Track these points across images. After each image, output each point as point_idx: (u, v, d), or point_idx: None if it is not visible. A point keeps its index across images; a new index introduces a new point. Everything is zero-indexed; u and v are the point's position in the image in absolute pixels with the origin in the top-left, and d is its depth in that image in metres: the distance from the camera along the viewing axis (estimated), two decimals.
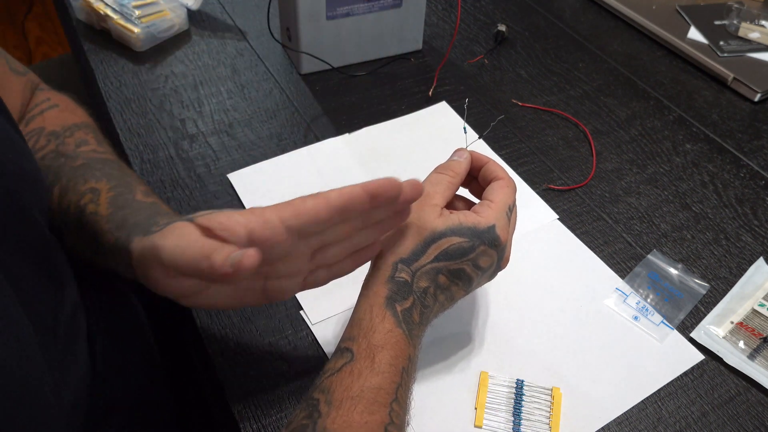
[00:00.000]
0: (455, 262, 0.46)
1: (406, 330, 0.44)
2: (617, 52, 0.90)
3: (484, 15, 0.95)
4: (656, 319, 0.57)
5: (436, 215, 0.46)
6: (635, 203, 0.69)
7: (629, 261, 0.63)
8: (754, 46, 0.89)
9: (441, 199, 0.47)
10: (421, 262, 0.45)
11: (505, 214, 0.47)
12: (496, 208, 0.47)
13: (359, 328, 0.44)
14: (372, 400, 0.41)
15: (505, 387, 0.52)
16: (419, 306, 0.45)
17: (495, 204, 0.47)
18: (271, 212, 0.40)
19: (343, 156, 0.71)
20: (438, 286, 0.46)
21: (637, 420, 0.51)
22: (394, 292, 0.45)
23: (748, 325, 0.57)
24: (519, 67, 0.86)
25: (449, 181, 0.49)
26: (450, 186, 0.48)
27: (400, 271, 0.45)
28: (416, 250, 0.45)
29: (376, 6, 0.78)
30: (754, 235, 0.66)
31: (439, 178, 0.49)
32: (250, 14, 0.90)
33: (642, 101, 0.82)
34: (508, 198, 0.48)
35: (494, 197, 0.48)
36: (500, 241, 0.46)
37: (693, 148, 0.76)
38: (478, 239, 0.46)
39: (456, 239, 0.45)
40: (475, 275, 0.47)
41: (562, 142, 0.75)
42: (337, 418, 0.39)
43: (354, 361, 0.42)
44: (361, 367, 0.42)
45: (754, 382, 0.54)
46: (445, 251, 0.45)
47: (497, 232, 0.46)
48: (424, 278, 0.45)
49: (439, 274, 0.46)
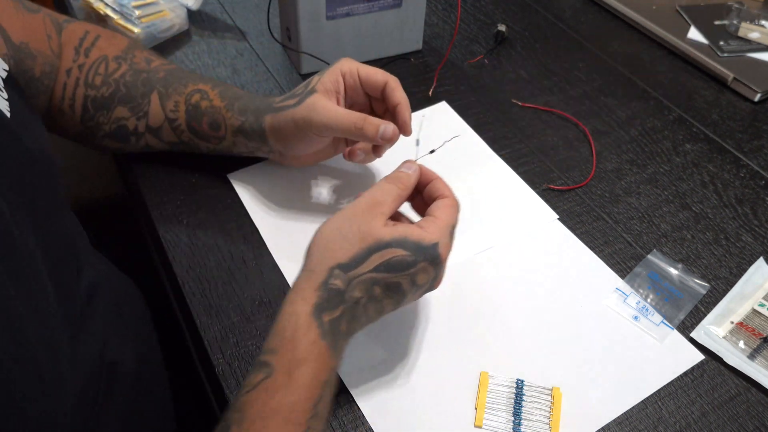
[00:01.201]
0: (394, 275, 0.44)
1: (331, 342, 0.43)
2: (617, 52, 0.90)
3: (484, 15, 0.95)
4: (656, 319, 0.57)
5: (382, 224, 0.45)
6: (635, 203, 0.69)
7: (629, 261, 0.63)
8: (754, 46, 0.89)
9: (389, 209, 0.46)
10: (359, 270, 0.44)
11: (449, 233, 0.46)
12: (441, 225, 0.46)
13: (281, 338, 0.42)
14: (286, 419, 0.40)
15: (505, 387, 0.52)
16: (348, 316, 0.44)
17: (440, 221, 0.46)
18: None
19: None
20: (371, 298, 0.45)
21: (637, 420, 0.51)
22: (324, 300, 0.43)
23: (748, 325, 0.57)
24: (519, 67, 0.86)
25: (398, 193, 0.47)
26: (398, 198, 0.47)
27: (336, 278, 0.43)
28: (357, 256, 0.44)
29: (376, 6, 0.78)
30: (754, 235, 0.66)
31: (389, 188, 0.47)
32: (250, 14, 0.90)
33: (642, 101, 0.82)
34: (452, 217, 0.47)
35: (440, 214, 0.47)
36: (440, 260, 0.45)
37: (693, 148, 0.76)
38: (421, 255, 0.44)
39: (400, 252, 0.44)
40: (409, 291, 0.46)
41: (562, 142, 0.75)
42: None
43: (271, 377, 0.41)
44: (279, 385, 0.41)
45: (754, 382, 0.54)
46: (387, 262, 0.44)
47: (439, 250, 0.45)
48: (359, 288, 0.44)
49: (376, 285, 0.44)
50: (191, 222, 0.63)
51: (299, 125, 0.56)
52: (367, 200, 0.46)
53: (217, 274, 0.59)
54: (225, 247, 0.61)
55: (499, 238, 0.63)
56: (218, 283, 0.58)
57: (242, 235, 0.62)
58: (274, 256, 0.60)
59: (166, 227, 0.62)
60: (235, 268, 0.59)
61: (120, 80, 0.61)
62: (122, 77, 0.61)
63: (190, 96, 0.61)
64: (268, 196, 0.66)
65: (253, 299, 0.57)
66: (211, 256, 0.60)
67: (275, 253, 0.61)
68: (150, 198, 0.65)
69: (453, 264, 0.61)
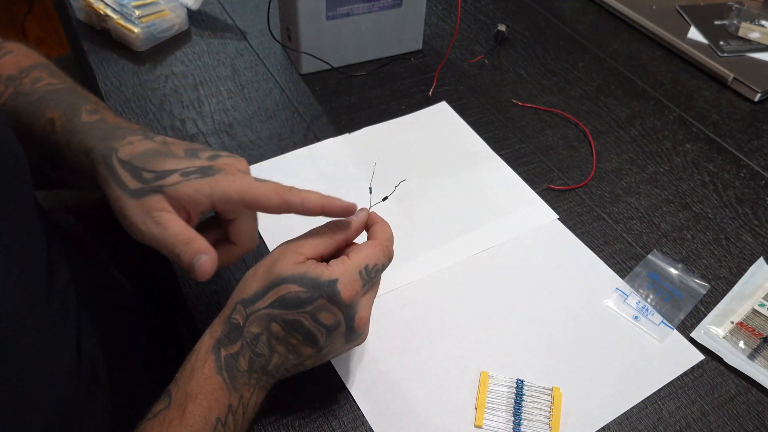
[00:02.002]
0: (291, 311, 0.43)
1: (227, 378, 0.42)
2: (617, 52, 0.90)
3: (484, 15, 0.95)
4: (656, 319, 0.57)
5: (291, 262, 0.43)
6: (635, 203, 0.69)
7: (629, 261, 0.63)
8: (754, 46, 0.89)
9: (309, 249, 0.45)
10: (257, 305, 0.43)
11: (357, 272, 0.43)
12: (349, 264, 0.44)
13: (183, 370, 0.43)
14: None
15: (505, 387, 0.52)
16: (248, 353, 0.43)
17: (348, 260, 0.44)
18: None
19: (343, 156, 0.71)
20: (272, 335, 0.43)
21: (637, 420, 0.51)
22: (224, 335, 0.43)
23: (748, 325, 0.57)
24: (519, 67, 0.86)
25: (326, 240, 0.46)
26: (326, 242, 0.46)
27: (237, 312, 0.44)
28: (258, 292, 0.43)
29: (376, 6, 0.78)
30: (754, 235, 0.66)
31: (319, 231, 0.47)
32: (250, 14, 0.90)
33: (642, 101, 0.82)
34: (368, 257, 0.44)
35: (352, 254, 0.45)
36: (340, 297, 0.42)
37: (693, 148, 0.76)
38: (317, 291, 0.42)
39: (294, 287, 0.42)
40: (317, 332, 0.43)
41: (562, 142, 0.75)
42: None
43: (169, 408, 0.41)
44: (172, 417, 0.41)
45: (755, 382, 0.54)
46: (281, 298, 0.43)
47: (337, 287, 0.42)
48: (257, 324, 0.43)
49: (273, 321, 0.43)
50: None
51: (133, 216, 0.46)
52: (293, 240, 0.46)
53: (217, 274, 0.59)
54: None
55: (499, 238, 0.63)
56: (218, 283, 0.58)
57: None
58: None
59: None
60: (235, 268, 0.59)
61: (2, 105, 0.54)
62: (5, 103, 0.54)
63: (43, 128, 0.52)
64: None
65: None
66: None
67: None
68: None
69: (453, 264, 0.61)
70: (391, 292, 0.58)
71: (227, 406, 0.42)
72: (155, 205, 0.44)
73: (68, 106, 0.51)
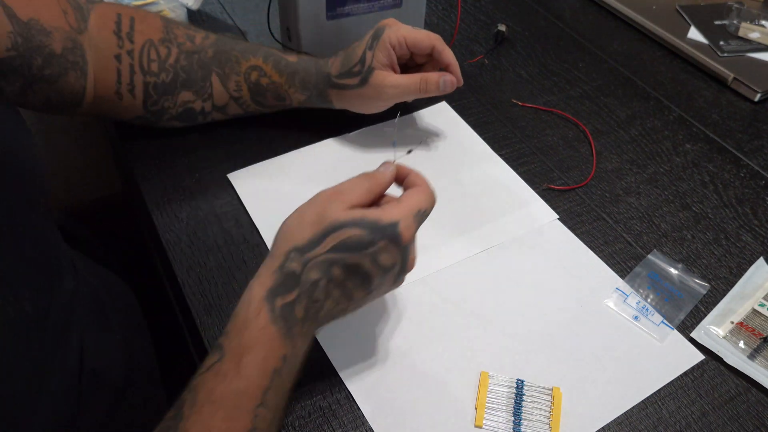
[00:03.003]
0: (353, 254, 0.44)
1: (283, 327, 0.43)
2: (617, 52, 0.90)
3: (484, 15, 0.95)
4: (656, 319, 0.57)
5: (342, 208, 0.45)
6: (635, 203, 0.69)
7: (629, 261, 0.63)
8: (754, 46, 0.89)
9: (354, 198, 0.46)
10: (316, 251, 0.43)
11: (412, 215, 0.45)
12: (403, 207, 0.46)
13: (234, 323, 0.43)
14: (234, 406, 0.40)
15: (505, 387, 0.52)
16: (305, 300, 0.43)
17: (403, 204, 0.46)
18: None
19: (344, 156, 0.70)
20: (331, 279, 0.44)
21: (637, 420, 0.51)
22: (278, 284, 0.43)
23: (748, 325, 0.57)
24: (519, 67, 0.86)
25: (367, 187, 0.47)
26: (368, 191, 0.47)
27: (292, 261, 0.43)
28: (313, 239, 0.44)
29: (376, 6, 0.78)
30: (754, 235, 0.66)
31: (359, 182, 0.48)
32: (250, 14, 0.90)
33: (642, 101, 0.82)
34: (420, 202, 0.46)
35: (404, 198, 0.47)
36: (401, 239, 0.44)
37: (693, 148, 0.76)
38: (379, 233, 0.44)
39: (355, 231, 0.43)
40: (375, 273, 0.45)
41: (562, 142, 0.75)
42: (197, 422, 0.39)
43: (222, 361, 0.41)
44: (227, 369, 0.41)
45: (755, 382, 0.54)
46: (342, 242, 0.43)
47: (399, 229, 0.44)
48: (316, 269, 0.43)
49: (334, 265, 0.44)
50: (191, 222, 0.63)
51: (369, 99, 0.66)
52: (332, 189, 0.47)
53: (217, 274, 0.59)
54: (225, 247, 0.61)
55: (500, 238, 0.63)
56: (218, 283, 0.58)
57: (242, 235, 0.62)
58: None
59: (166, 227, 0.62)
60: (235, 268, 0.59)
61: (176, 65, 0.64)
62: (177, 62, 0.65)
63: (248, 74, 0.66)
64: (269, 196, 0.66)
65: None
66: (211, 256, 0.60)
67: None
68: (150, 198, 0.65)
69: (453, 264, 0.61)
70: (392, 292, 0.58)
71: (282, 357, 0.42)
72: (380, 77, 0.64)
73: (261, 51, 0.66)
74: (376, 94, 0.65)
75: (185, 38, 0.66)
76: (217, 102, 0.67)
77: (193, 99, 0.66)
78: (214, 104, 0.67)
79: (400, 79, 0.65)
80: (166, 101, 0.65)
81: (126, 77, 0.63)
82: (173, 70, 0.64)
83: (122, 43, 0.63)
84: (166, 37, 0.65)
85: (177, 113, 0.66)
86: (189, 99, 0.66)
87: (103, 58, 0.62)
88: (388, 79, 0.64)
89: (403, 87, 0.65)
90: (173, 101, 0.65)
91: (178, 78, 0.65)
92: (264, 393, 0.41)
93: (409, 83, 0.65)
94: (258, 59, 0.66)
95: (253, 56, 0.66)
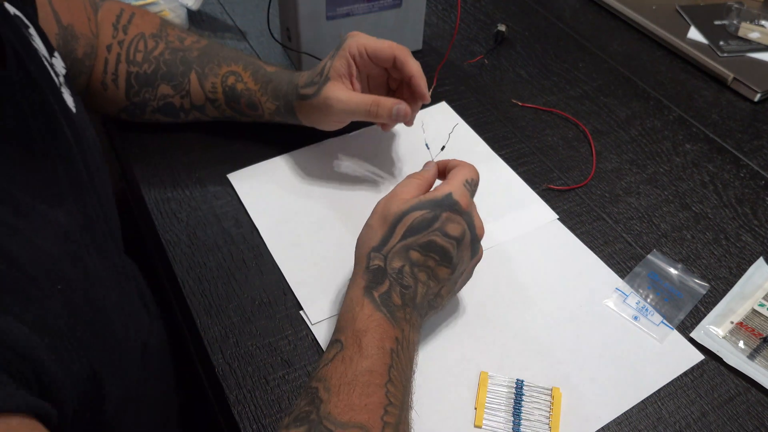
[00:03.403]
0: (422, 234, 0.48)
1: (387, 313, 0.46)
2: (617, 52, 0.90)
3: (484, 15, 0.95)
4: (656, 319, 0.57)
5: (401, 201, 0.49)
6: (635, 203, 0.69)
7: (629, 261, 0.63)
8: (754, 46, 0.89)
9: (407, 194, 0.50)
10: (390, 244, 0.48)
11: (462, 184, 0.50)
12: (452, 180, 0.51)
13: (345, 319, 0.47)
14: (367, 383, 0.43)
15: (505, 387, 0.52)
16: (397, 287, 0.47)
17: (450, 179, 0.51)
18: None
19: (343, 156, 0.71)
20: (413, 263, 0.48)
21: (637, 420, 0.51)
22: (370, 281, 0.48)
23: (748, 325, 0.57)
24: (519, 67, 0.86)
25: (417, 184, 0.52)
26: (418, 187, 0.52)
27: (374, 259, 0.48)
28: (385, 235, 0.49)
29: (376, 6, 0.78)
30: (754, 235, 0.66)
31: (407, 181, 0.53)
32: (250, 14, 0.90)
33: (642, 101, 0.82)
34: (465, 174, 0.52)
35: (450, 175, 0.52)
36: (459, 206, 0.49)
37: (693, 148, 0.76)
38: (439, 207, 0.48)
39: (418, 213, 0.48)
40: (449, 246, 0.48)
41: (562, 142, 0.75)
42: (339, 402, 0.41)
43: (344, 349, 0.45)
44: (351, 354, 0.44)
45: (754, 382, 0.54)
46: (410, 226, 0.48)
47: (455, 198, 0.49)
48: (397, 258, 0.48)
49: (410, 250, 0.48)
50: (191, 222, 0.63)
51: (321, 111, 0.63)
52: (386, 195, 0.51)
53: (217, 274, 0.59)
54: (225, 247, 0.61)
55: (499, 238, 0.63)
56: (218, 283, 0.58)
57: (242, 235, 0.62)
58: (274, 256, 0.60)
59: (166, 227, 0.62)
60: (235, 268, 0.59)
61: (159, 58, 0.66)
62: (161, 55, 0.66)
63: (225, 78, 0.67)
64: (268, 196, 0.66)
65: (253, 299, 0.57)
66: (211, 256, 0.60)
67: (275, 253, 0.61)
68: (150, 197, 0.65)
69: None
70: None
71: (395, 338, 0.46)
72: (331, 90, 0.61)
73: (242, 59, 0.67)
74: (325, 107, 0.61)
75: (176, 38, 0.68)
76: (194, 101, 0.68)
77: (172, 94, 0.67)
78: (191, 102, 0.68)
79: (350, 95, 0.61)
80: (146, 93, 0.67)
81: (112, 66, 0.65)
82: (156, 62, 0.66)
83: (116, 34, 0.65)
84: (158, 33, 0.68)
85: (158, 106, 0.68)
86: (168, 93, 0.67)
87: (99, 50, 0.65)
88: (338, 92, 0.61)
89: (351, 104, 0.61)
90: (153, 93, 0.67)
91: (158, 70, 0.66)
92: (389, 370, 0.44)
93: (358, 102, 0.60)
94: (238, 66, 0.67)
95: (234, 63, 0.67)
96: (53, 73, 0.48)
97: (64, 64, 0.52)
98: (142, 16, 0.68)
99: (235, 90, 0.67)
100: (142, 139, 0.71)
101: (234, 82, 0.67)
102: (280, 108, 0.66)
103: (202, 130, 0.72)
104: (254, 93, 0.66)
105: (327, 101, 0.61)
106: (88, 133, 0.50)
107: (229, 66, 0.67)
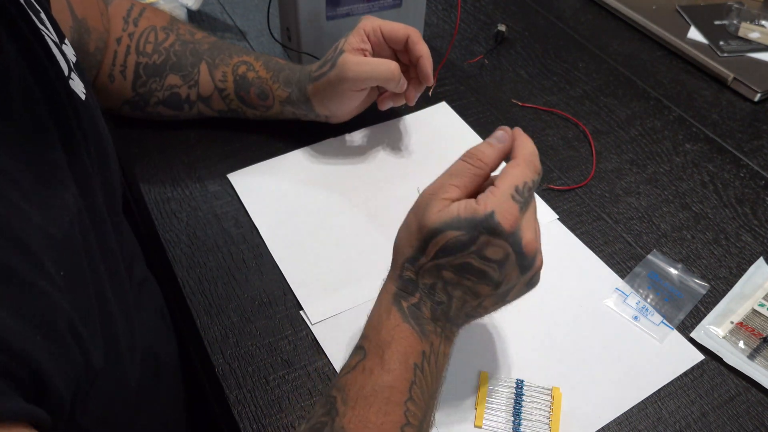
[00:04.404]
0: (457, 256, 0.42)
1: (415, 325, 0.43)
2: (617, 52, 0.90)
3: (484, 15, 0.95)
4: (656, 319, 0.57)
5: (437, 210, 0.43)
6: (635, 203, 0.69)
7: (629, 261, 0.63)
8: (754, 46, 0.89)
9: (456, 192, 0.44)
10: (422, 261, 0.43)
11: (509, 197, 0.42)
12: (498, 192, 0.42)
13: (370, 325, 0.45)
14: (386, 400, 0.41)
15: (505, 387, 0.52)
16: (428, 302, 0.44)
17: (497, 189, 0.42)
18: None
19: (343, 156, 0.71)
20: (446, 282, 0.44)
21: (637, 420, 0.51)
22: (400, 289, 0.45)
23: (748, 325, 0.57)
24: (519, 67, 0.86)
25: (473, 172, 0.44)
26: (473, 176, 0.44)
27: (407, 270, 0.44)
28: (418, 248, 0.44)
29: (376, 6, 0.78)
30: (754, 235, 0.66)
31: (460, 168, 0.45)
32: (250, 14, 0.90)
33: (642, 101, 0.82)
34: (515, 178, 0.43)
35: (498, 182, 0.43)
36: (501, 229, 0.41)
37: (693, 148, 0.76)
38: (476, 230, 0.41)
39: (453, 233, 0.42)
40: (488, 268, 0.43)
41: (562, 142, 0.75)
42: (354, 417, 0.40)
43: (366, 358, 0.43)
44: (372, 365, 0.42)
45: (754, 382, 0.54)
46: (443, 247, 0.42)
47: (496, 219, 0.41)
48: (428, 275, 0.44)
49: (443, 270, 0.43)
50: (191, 221, 0.63)
51: (336, 85, 0.64)
52: (432, 186, 0.45)
53: (217, 274, 0.59)
54: (225, 247, 0.61)
55: None
56: (218, 283, 0.58)
57: (242, 235, 0.62)
58: (274, 256, 0.60)
59: (166, 227, 0.62)
60: (235, 268, 0.59)
61: (170, 49, 0.67)
62: (171, 46, 0.67)
63: (236, 67, 0.68)
64: (268, 196, 0.66)
65: (253, 299, 0.57)
66: (211, 256, 0.60)
67: (275, 253, 0.61)
68: (150, 197, 0.65)
69: None
70: None
71: (421, 352, 0.43)
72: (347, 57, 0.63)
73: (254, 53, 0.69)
74: (341, 77, 0.63)
75: (186, 32, 0.69)
76: (202, 91, 0.68)
77: (180, 84, 0.68)
78: (199, 93, 0.68)
79: (366, 58, 0.64)
80: (153, 83, 0.67)
81: (121, 58, 0.66)
82: (165, 52, 0.67)
83: (126, 27, 0.66)
84: (169, 26, 0.69)
85: (163, 97, 0.68)
86: (176, 83, 0.67)
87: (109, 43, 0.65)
88: (352, 59, 0.63)
89: (368, 65, 0.63)
90: (160, 84, 0.67)
91: (168, 61, 0.67)
92: (410, 387, 0.42)
93: (375, 63, 0.63)
94: (250, 57, 0.69)
95: (246, 54, 0.69)
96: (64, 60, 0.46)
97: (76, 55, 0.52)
98: (153, 10, 0.70)
99: (246, 79, 0.67)
100: (142, 139, 0.71)
101: (245, 71, 0.67)
102: (292, 95, 0.67)
103: (202, 130, 0.72)
104: (265, 81, 0.67)
105: (343, 67, 0.63)
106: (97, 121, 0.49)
107: (240, 56, 0.68)
